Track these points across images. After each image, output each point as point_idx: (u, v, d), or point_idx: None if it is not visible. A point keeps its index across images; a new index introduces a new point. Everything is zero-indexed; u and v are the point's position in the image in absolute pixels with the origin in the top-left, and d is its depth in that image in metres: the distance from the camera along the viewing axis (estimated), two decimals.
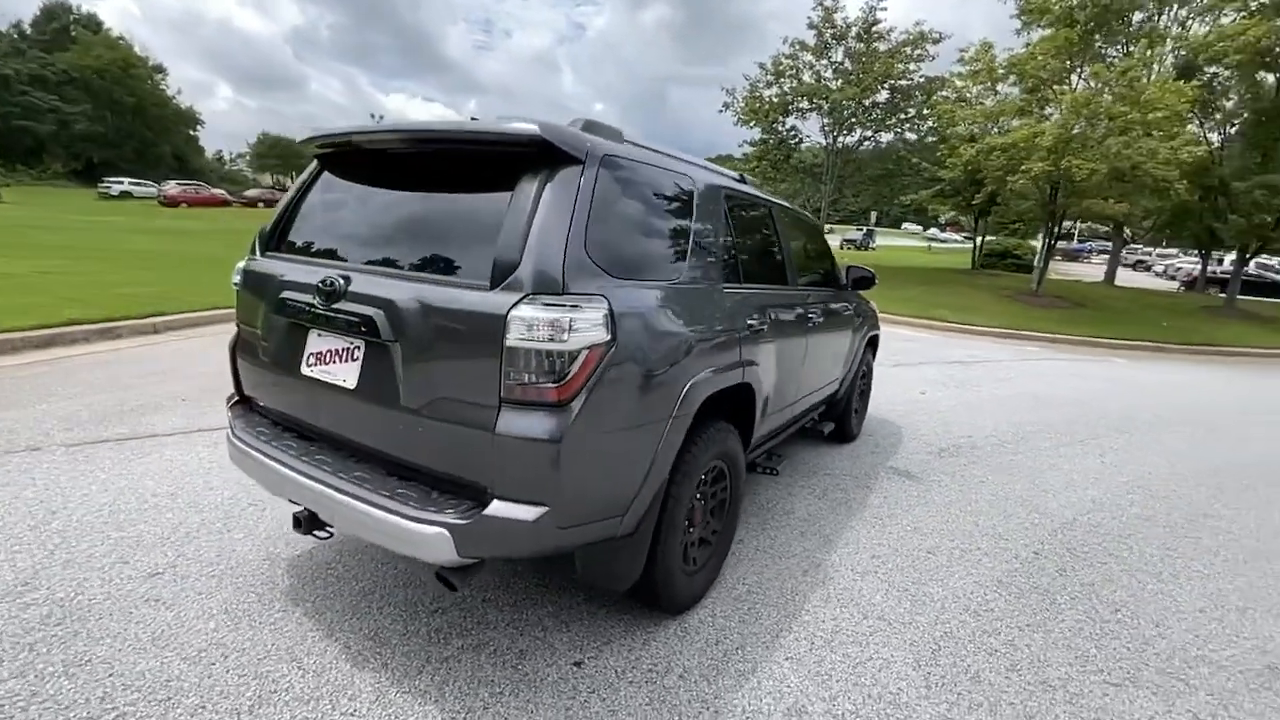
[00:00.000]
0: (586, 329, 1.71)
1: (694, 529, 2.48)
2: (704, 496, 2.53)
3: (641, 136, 2.43)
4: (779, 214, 3.43)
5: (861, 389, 5.01)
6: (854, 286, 4.37)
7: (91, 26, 58.36)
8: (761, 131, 22.53)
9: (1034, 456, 4.93)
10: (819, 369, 3.80)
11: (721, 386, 2.34)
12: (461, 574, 1.91)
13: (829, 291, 4.05)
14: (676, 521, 2.26)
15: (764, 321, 2.82)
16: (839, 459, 4.54)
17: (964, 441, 5.18)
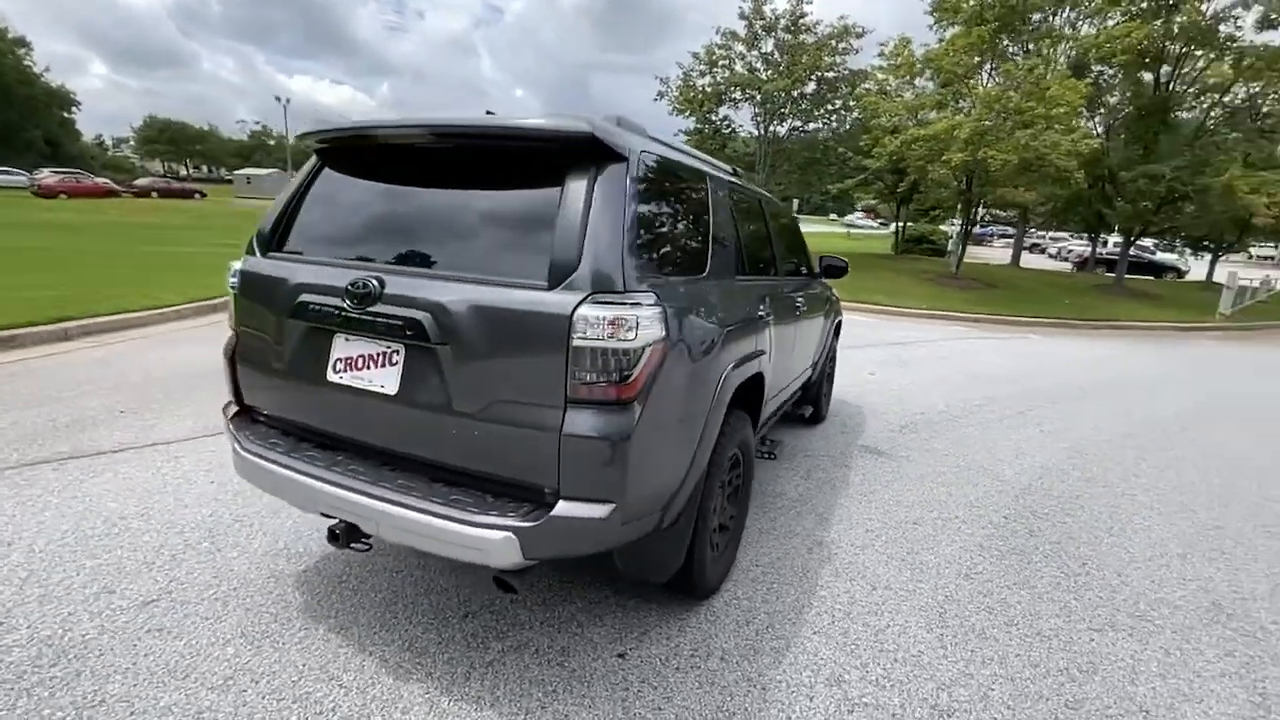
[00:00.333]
0: (648, 326, 1.73)
1: (716, 516, 2.55)
2: (722, 484, 2.61)
3: None
4: (767, 205, 3.53)
5: (828, 373, 5.24)
6: (825, 274, 4.55)
7: None
8: (696, 121, 22.79)
9: (984, 429, 5.32)
10: (803, 354, 3.95)
11: (748, 376, 2.41)
12: (520, 575, 1.89)
13: (806, 279, 4.20)
14: (709, 510, 2.32)
15: (768, 311, 2.91)
16: (814, 440, 4.74)
17: (920, 418, 5.52)
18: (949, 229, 29.04)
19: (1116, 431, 5.52)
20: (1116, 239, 22.66)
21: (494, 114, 2.10)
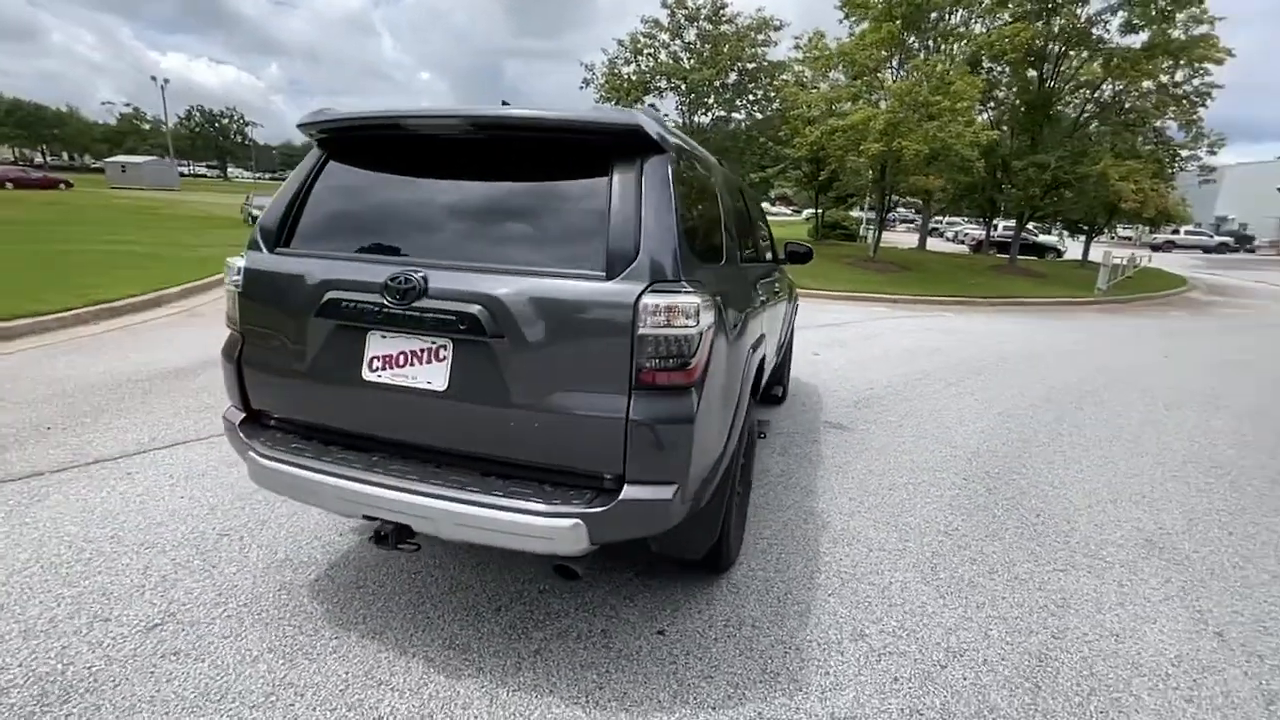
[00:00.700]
0: (705, 313, 1.80)
1: (737, 492, 2.67)
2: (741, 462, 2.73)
3: None
4: (747, 192, 3.67)
5: (789, 354, 5.49)
6: (790, 260, 4.76)
7: None
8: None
9: (927, 400, 5.77)
10: (777, 336, 4.14)
11: (761, 357, 2.53)
12: (580, 561, 1.92)
13: (774, 264, 4.39)
14: (735, 487, 2.43)
15: (761, 295, 3.05)
16: (781, 418, 4.97)
17: (869, 394, 5.90)
18: (860, 215, 30.65)
19: (1037, 396, 6.13)
20: (1008, 223, 24.76)
21: (509, 104, 2.08)
